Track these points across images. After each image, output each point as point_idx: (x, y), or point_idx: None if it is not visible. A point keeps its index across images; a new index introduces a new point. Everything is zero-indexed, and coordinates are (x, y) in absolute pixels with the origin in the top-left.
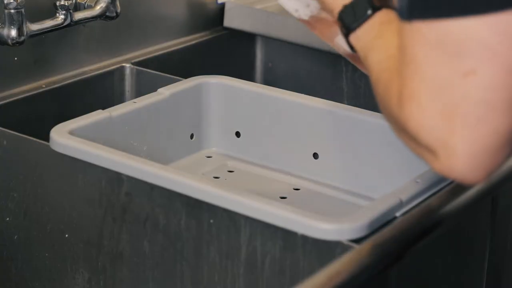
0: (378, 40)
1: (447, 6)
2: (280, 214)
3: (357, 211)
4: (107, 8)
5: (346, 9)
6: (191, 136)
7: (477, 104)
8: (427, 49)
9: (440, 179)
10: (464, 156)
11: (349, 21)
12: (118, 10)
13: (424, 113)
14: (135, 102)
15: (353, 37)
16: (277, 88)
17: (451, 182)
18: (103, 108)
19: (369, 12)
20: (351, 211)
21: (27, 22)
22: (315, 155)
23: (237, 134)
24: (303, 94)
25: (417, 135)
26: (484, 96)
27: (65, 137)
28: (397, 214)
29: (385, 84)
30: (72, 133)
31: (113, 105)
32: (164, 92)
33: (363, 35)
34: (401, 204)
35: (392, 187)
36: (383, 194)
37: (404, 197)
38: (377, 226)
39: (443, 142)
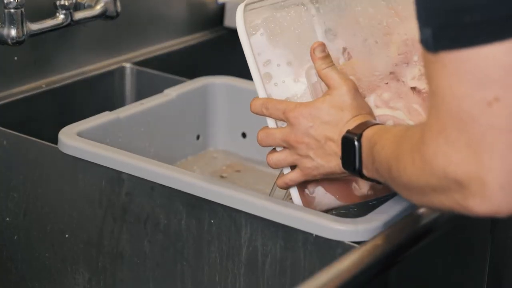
0: (374, 149)
1: (472, 35)
2: (292, 214)
3: (371, 212)
4: (107, 8)
5: (343, 161)
6: (197, 137)
7: (504, 132)
8: (451, 80)
9: None
10: (496, 187)
11: (353, 166)
12: (118, 10)
13: (453, 147)
14: (142, 104)
15: (365, 173)
16: None
17: None
18: (104, 108)
19: (356, 144)
20: (361, 210)
21: (27, 22)
22: None
23: (243, 135)
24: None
25: (446, 171)
26: (510, 123)
27: (72, 139)
28: None
29: (395, 159)
30: (80, 134)
31: (114, 105)
32: (170, 93)
33: (367, 163)
34: (414, 205)
35: None
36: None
37: None
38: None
39: (473, 175)
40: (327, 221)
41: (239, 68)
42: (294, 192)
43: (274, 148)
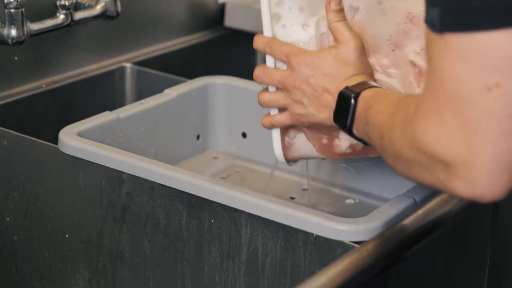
0: (369, 112)
1: (478, 20)
2: (293, 214)
3: (372, 212)
4: (107, 8)
5: (336, 115)
6: (197, 137)
7: (500, 119)
8: (453, 61)
9: None
10: (483, 173)
11: (344, 122)
12: (119, 10)
13: (446, 127)
14: (142, 104)
15: (355, 131)
16: None
17: None
18: (104, 108)
19: (352, 102)
20: (361, 210)
21: (27, 22)
22: None
23: (243, 135)
24: None
25: (434, 150)
26: (507, 110)
27: (73, 139)
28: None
29: (389, 127)
30: (80, 134)
31: (114, 105)
32: (170, 93)
33: (358, 122)
34: (415, 205)
35: (400, 185)
36: (392, 193)
37: (418, 197)
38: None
39: (462, 158)
40: (328, 221)
41: (239, 68)
42: (276, 134)
43: (267, 88)
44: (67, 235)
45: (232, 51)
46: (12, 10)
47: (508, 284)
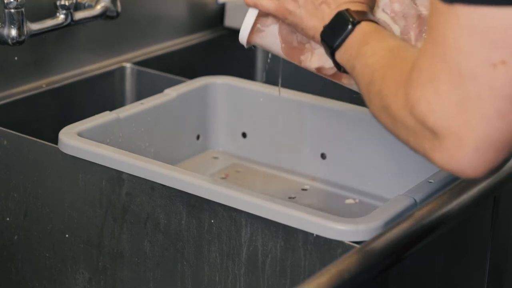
0: (363, 47)
1: None
2: (293, 214)
3: (372, 212)
4: (107, 8)
5: (326, 30)
6: (197, 137)
7: (500, 97)
8: (460, 33)
9: (453, 179)
10: (471, 149)
11: (331, 41)
12: (119, 10)
13: (440, 98)
14: (142, 104)
15: (338, 55)
16: (283, 88)
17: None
18: (104, 108)
19: (349, 27)
20: (361, 210)
21: (27, 22)
22: (323, 155)
23: (243, 135)
24: (310, 94)
25: (425, 118)
26: (508, 89)
27: (73, 139)
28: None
29: (381, 78)
30: (80, 134)
31: (114, 105)
32: (170, 93)
33: (347, 50)
34: (415, 205)
35: (400, 185)
36: (392, 193)
37: (418, 197)
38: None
39: (453, 131)
40: (328, 221)
41: (239, 68)
42: (251, 14)
43: None
44: (67, 235)
45: (232, 51)
46: (12, 10)
47: (508, 284)
